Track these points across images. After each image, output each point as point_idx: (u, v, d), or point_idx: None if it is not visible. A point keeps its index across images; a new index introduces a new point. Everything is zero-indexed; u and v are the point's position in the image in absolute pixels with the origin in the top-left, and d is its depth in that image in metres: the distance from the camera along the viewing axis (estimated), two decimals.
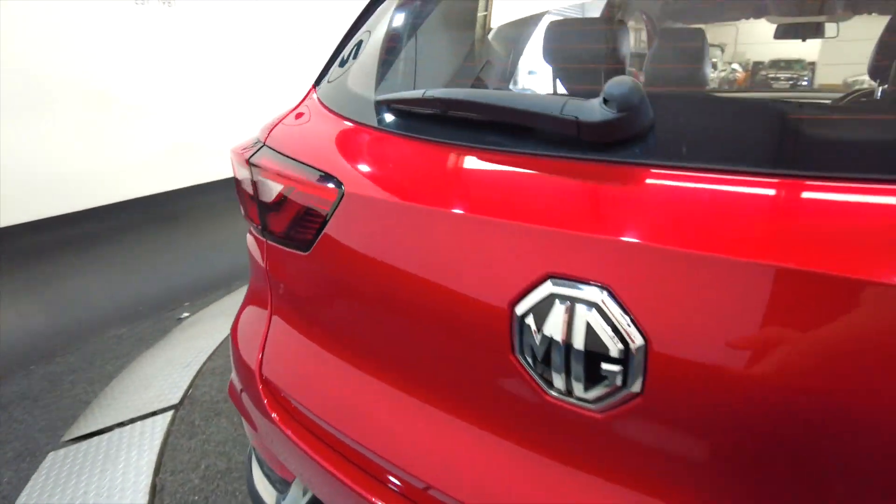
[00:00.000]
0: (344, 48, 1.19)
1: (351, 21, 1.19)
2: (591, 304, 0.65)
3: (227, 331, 3.26)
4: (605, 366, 0.64)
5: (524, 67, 1.73)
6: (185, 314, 3.65)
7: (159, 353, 3.12)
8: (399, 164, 0.88)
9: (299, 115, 1.16)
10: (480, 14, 1.54)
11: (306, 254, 0.99)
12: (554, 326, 0.66)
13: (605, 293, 0.64)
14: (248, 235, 1.30)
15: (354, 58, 1.14)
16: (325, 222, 0.94)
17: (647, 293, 0.62)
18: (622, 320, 0.63)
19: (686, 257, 0.59)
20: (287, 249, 1.05)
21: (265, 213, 1.10)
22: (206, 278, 4.06)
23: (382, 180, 0.86)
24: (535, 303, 0.68)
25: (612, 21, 1.58)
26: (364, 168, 0.91)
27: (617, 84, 0.64)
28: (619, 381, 0.64)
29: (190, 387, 2.74)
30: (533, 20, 1.79)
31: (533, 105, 0.71)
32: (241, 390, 1.20)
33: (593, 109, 0.66)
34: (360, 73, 1.10)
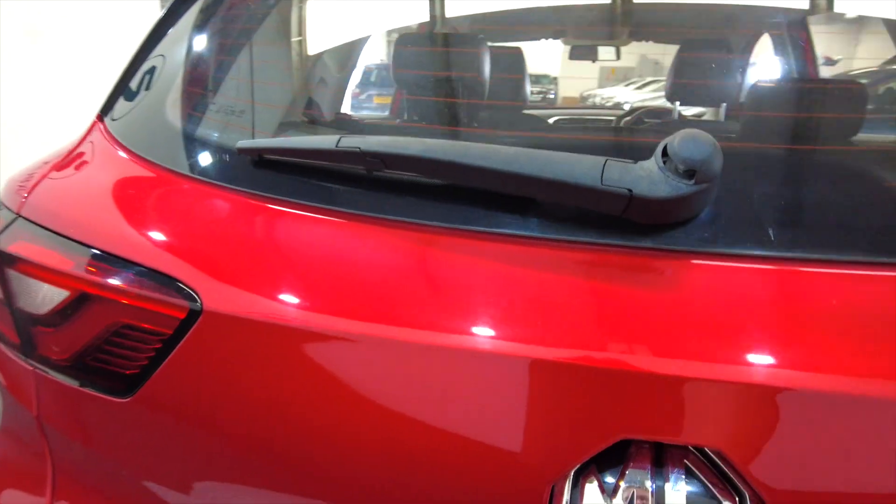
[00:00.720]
0: (145, 58, 0.79)
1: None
2: (697, 479, 0.43)
3: None
4: None
5: (362, 91, 1.48)
6: None
7: None
8: (305, 255, 0.55)
9: (77, 163, 0.73)
10: (294, 39, 1.25)
11: (125, 400, 0.60)
12: None
13: (715, 459, 0.42)
14: None
15: (172, 79, 0.75)
16: (163, 352, 0.56)
17: (777, 456, 0.41)
18: (745, 492, 0.42)
19: (833, 399, 0.40)
20: (83, 390, 0.63)
21: (31, 327, 0.66)
22: None
23: (277, 286, 0.53)
24: (605, 483, 0.44)
25: (469, 38, 1.41)
26: (237, 265, 0.55)
27: (694, 142, 0.43)
28: None
29: None
30: (362, 41, 1.56)
31: (550, 170, 0.46)
32: None
33: (654, 179, 0.44)
34: (190, 101, 0.73)
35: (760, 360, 0.42)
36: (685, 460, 0.44)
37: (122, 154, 0.69)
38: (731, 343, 0.43)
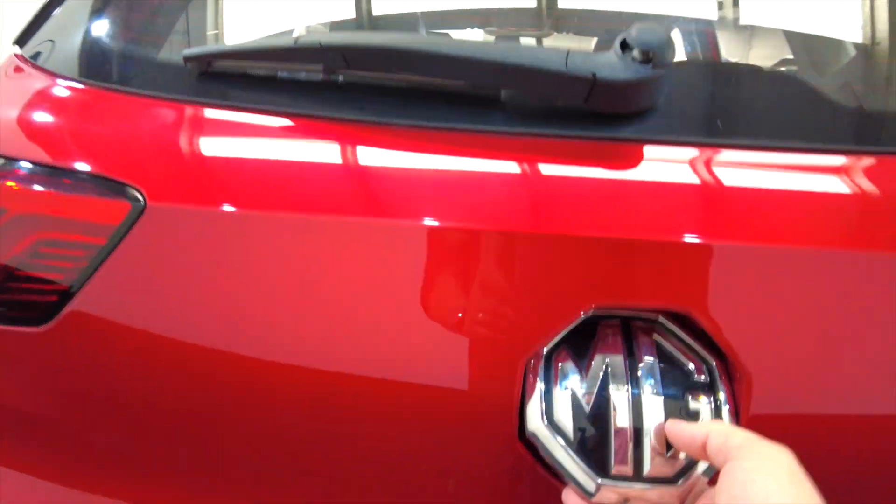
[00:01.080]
0: None
1: None
2: (666, 345, 0.44)
3: None
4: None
5: None
6: None
7: None
8: (259, 153, 0.52)
9: None
10: (210, 32, 1.24)
11: (40, 329, 0.53)
12: (614, 389, 0.43)
13: (679, 324, 0.44)
14: None
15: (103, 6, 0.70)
16: (90, 269, 0.51)
17: (736, 312, 0.44)
18: (712, 361, 0.44)
19: (784, 254, 0.44)
20: None
21: None
22: None
23: (223, 180, 0.50)
24: (576, 356, 0.44)
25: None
26: (179, 166, 0.52)
27: (650, 31, 0.46)
28: None
29: None
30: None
31: (516, 56, 0.47)
32: None
33: (615, 65, 0.46)
34: (122, 21, 0.68)
35: (717, 224, 0.45)
36: (655, 333, 0.46)
37: (44, 76, 0.63)
38: (689, 212, 0.45)
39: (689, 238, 0.43)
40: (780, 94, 0.58)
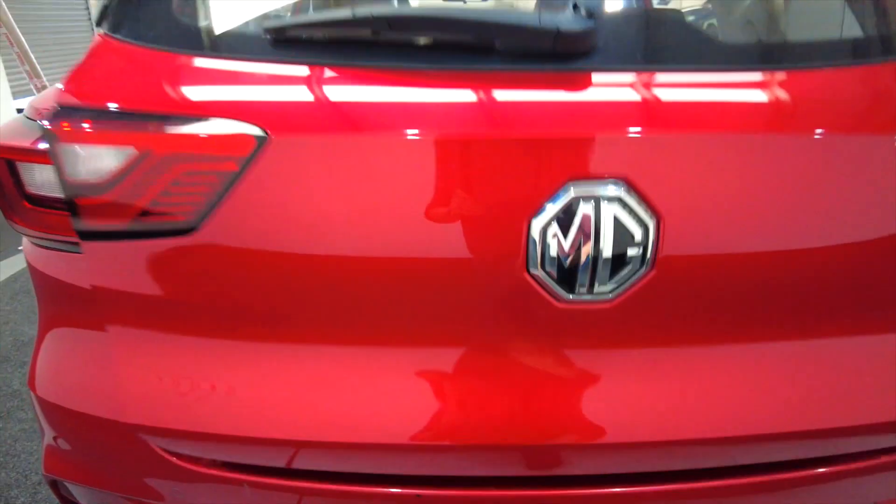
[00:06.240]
0: None
1: None
2: (613, 199, 0.71)
3: None
4: (629, 251, 0.71)
5: None
6: None
7: None
8: (336, 96, 0.75)
9: (103, 69, 0.86)
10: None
11: (189, 236, 0.77)
12: (582, 227, 0.70)
13: (622, 187, 0.70)
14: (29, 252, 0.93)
15: None
16: (229, 184, 0.74)
17: (658, 178, 0.71)
18: (640, 207, 0.71)
19: (685, 139, 0.71)
20: (142, 242, 0.79)
21: (80, 198, 0.78)
22: None
23: (326, 117, 0.73)
24: (559, 209, 0.71)
25: None
26: (286, 108, 0.75)
27: None
28: (638, 264, 0.72)
29: None
30: None
31: (503, 18, 0.71)
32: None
33: (570, 20, 0.70)
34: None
35: (650, 116, 0.71)
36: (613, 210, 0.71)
37: (150, 52, 0.82)
38: (629, 112, 0.71)
39: (621, 132, 0.70)
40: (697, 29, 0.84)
